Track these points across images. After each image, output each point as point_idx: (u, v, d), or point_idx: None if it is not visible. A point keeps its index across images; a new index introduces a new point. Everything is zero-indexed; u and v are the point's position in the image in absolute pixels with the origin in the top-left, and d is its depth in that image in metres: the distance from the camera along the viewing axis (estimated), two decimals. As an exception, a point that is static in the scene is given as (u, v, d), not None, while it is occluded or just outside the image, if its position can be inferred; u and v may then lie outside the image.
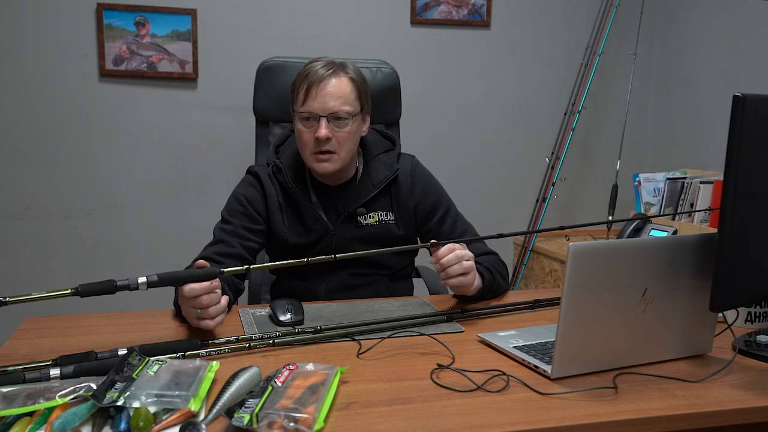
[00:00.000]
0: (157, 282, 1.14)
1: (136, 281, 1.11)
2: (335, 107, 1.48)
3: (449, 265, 1.35)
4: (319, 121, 1.48)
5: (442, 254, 1.36)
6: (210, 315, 1.21)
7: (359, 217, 1.60)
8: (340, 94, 1.49)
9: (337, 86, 1.49)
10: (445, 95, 3.05)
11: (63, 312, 1.44)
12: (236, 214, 1.57)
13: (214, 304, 1.20)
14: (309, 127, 1.50)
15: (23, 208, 2.68)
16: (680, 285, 1.09)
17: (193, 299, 1.18)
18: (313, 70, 1.50)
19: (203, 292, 1.18)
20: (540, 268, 3.05)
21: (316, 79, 1.48)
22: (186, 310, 1.23)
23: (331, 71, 1.50)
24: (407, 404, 0.95)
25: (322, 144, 1.49)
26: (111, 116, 2.71)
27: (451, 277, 1.36)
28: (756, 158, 1.01)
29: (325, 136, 1.48)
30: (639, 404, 0.96)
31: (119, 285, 1.10)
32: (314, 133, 1.48)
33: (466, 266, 1.37)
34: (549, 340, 1.18)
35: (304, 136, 1.51)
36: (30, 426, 0.85)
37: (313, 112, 1.49)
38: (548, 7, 3.12)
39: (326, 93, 1.48)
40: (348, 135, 1.51)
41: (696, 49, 3.02)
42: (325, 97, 1.48)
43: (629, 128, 3.06)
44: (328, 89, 1.48)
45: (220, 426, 0.87)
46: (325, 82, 1.48)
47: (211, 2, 2.73)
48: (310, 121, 1.50)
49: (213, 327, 1.22)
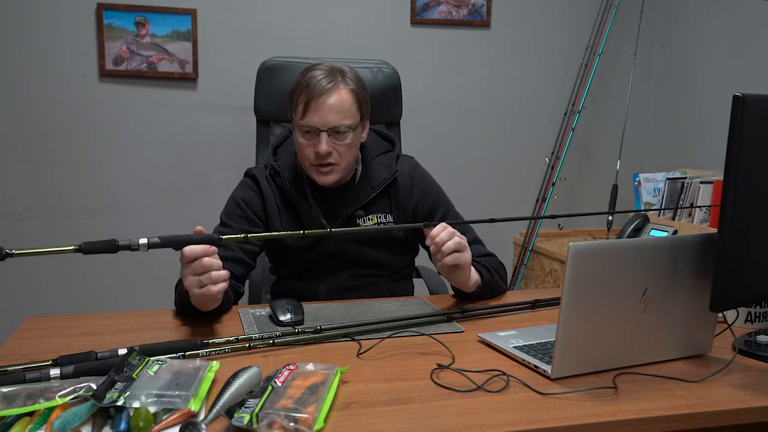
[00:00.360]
0: (158, 243, 1.16)
1: (138, 242, 1.14)
2: (336, 122, 1.47)
3: (443, 243, 1.35)
4: (320, 136, 1.47)
5: (435, 232, 1.35)
6: (212, 279, 1.19)
7: (358, 219, 1.60)
8: (340, 108, 1.47)
9: (337, 100, 1.47)
10: (445, 95, 3.05)
11: (63, 312, 1.44)
12: (235, 217, 1.56)
13: (215, 269, 1.19)
14: (309, 140, 1.49)
15: (23, 208, 2.68)
16: (680, 285, 1.09)
17: (193, 262, 1.17)
18: (313, 81, 1.47)
19: (204, 253, 1.17)
20: (540, 268, 3.05)
21: (315, 93, 1.46)
22: (188, 280, 1.20)
23: (331, 84, 1.47)
24: (407, 404, 0.95)
25: (322, 158, 1.49)
26: (111, 116, 2.71)
27: (446, 254, 1.35)
28: (756, 158, 1.01)
29: (326, 151, 1.47)
30: (639, 404, 0.96)
31: (121, 245, 1.14)
32: (315, 147, 1.48)
33: (459, 241, 1.36)
34: (549, 340, 1.18)
35: (304, 149, 1.51)
36: (30, 426, 0.85)
37: (313, 127, 1.47)
38: (548, 7, 3.12)
39: (326, 107, 1.46)
40: (348, 147, 1.51)
41: (696, 49, 3.02)
42: (325, 112, 1.46)
43: (629, 128, 3.06)
44: (329, 103, 1.46)
45: (220, 426, 0.87)
46: (326, 96, 1.46)
47: (211, 2, 2.73)
48: (310, 134, 1.49)
49: (215, 294, 1.20)
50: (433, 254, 1.38)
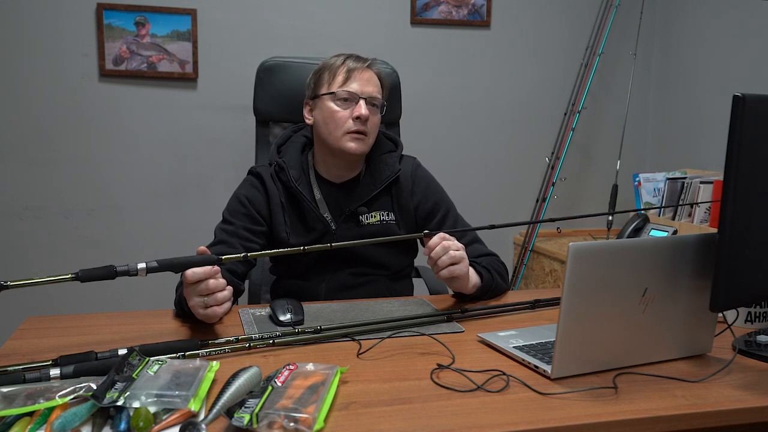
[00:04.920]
0: (156, 267, 1.15)
1: (136, 267, 1.13)
2: (373, 93, 1.57)
3: (438, 258, 1.37)
4: (358, 102, 1.54)
5: (431, 246, 1.38)
6: (218, 301, 1.19)
7: (360, 216, 1.60)
8: (376, 83, 1.59)
9: (374, 76, 1.59)
10: (445, 95, 3.05)
11: (63, 312, 1.44)
12: (237, 214, 1.57)
13: (220, 290, 1.20)
14: (346, 108, 1.54)
15: (23, 208, 2.68)
16: (680, 285, 1.09)
17: (197, 284, 1.18)
18: (351, 57, 1.58)
19: (206, 276, 1.18)
20: (540, 268, 3.05)
21: (357, 66, 1.57)
22: (192, 301, 1.21)
23: (368, 62, 1.59)
24: (407, 404, 0.95)
25: (361, 123, 1.53)
26: (111, 116, 2.71)
27: (441, 268, 1.38)
28: (756, 158, 1.01)
29: (367, 115, 1.53)
30: (639, 404, 0.96)
31: (119, 270, 1.12)
32: (351, 112, 1.53)
33: (454, 255, 1.37)
34: (549, 340, 1.18)
35: (338, 115, 1.54)
36: (30, 426, 0.85)
37: (354, 93, 1.54)
38: (548, 7, 3.12)
39: (366, 79, 1.57)
40: (377, 123, 1.59)
41: (696, 49, 3.02)
42: (365, 81, 1.56)
43: (629, 128, 3.06)
44: (367, 76, 1.57)
45: (220, 426, 0.87)
46: (366, 70, 1.57)
47: (211, 2, 2.73)
48: (348, 102, 1.55)
49: (221, 314, 1.21)
50: (430, 266, 1.41)
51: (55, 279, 1.08)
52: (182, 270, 1.18)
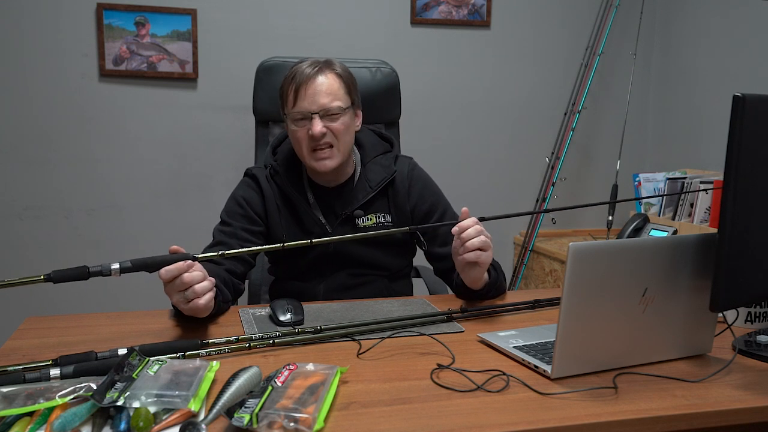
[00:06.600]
0: (130, 268, 1.14)
1: (109, 267, 1.12)
2: (326, 104, 1.48)
3: (469, 238, 1.33)
4: (312, 119, 1.48)
5: (465, 225, 1.33)
6: (197, 293, 1.18)
7: (357, 219, 1.60)
8: (329, 91, 1.49)
9: (325, 83, 1.49)
10: (445, 95, 3.05)
11: (63, 312, 1.44)
12: (235, 215, 1.56)
13: (197, 282, 1.18)
14: (302, 126, 1.50)
15: (23, 208, 2.68)
16: (680, 285, 1.09)
17: (173, 281, 1.17)
18: (299, 71, 1.50)
19: (179, 271, 1.16)
20: (540, 268, 3.05)
21: (303, 80, 1.48)
22: (174, 298, 1.20)
23: (317, 69, 1.49)
24: (407, 404, 0.95)
25: (318, 140, 1.48)
26: (111, 116, 2.71)
27: (469, 250, 1.33)
28: (756, 158, 1.01)
29: (320, 132, 1.47)
30: (639, 404, 0.96)
31: (92, 271, 1.11)
32: (308, 131, 1.48)
33: (486, 240, 1.34)
34: (549, 340, 1.18)
35: (298, 135, 1.51)
36: (30, 426, 0.85)
37: (304, 112, 1.48)
38: (548, 7, 3.12)
39: (315, 91, 1.48)
40: (343, 126, 1.51)
41: (696, 49, 3.02)
42: (314, 95, 1.48)
43: (629, 128, 3.06)
44: (317, 87, 1.48)
45: (220, 426, 0.86)
46: (313, 80, 1.48)
47: (211, 2, 2.73)
48: (303, 121, 1.49)
49: (203, 307, 1.20)
50: (456, 246, 1.37)
51: (27, 280, 1.06)
52: (157, 269, 1.17)
